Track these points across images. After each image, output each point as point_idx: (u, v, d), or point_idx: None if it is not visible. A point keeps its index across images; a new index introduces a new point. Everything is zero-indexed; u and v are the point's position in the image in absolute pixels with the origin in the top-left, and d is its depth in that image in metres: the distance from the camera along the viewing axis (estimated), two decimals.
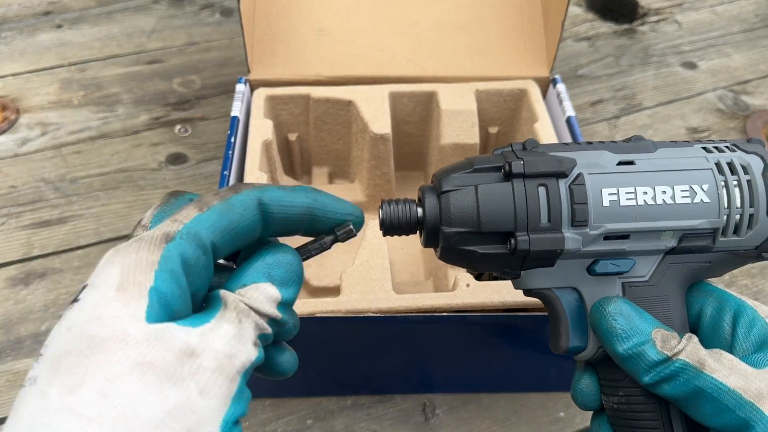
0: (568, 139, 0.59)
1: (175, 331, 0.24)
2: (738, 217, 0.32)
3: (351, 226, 0.31)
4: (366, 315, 0.48)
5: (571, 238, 0.32)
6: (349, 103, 0.63)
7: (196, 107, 0.85)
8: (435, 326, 0.49)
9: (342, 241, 0.31)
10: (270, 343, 0.28)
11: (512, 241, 0.31)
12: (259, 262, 0.28)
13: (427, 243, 0.34)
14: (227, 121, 0.77)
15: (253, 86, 0.66)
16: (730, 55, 0.95)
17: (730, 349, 0.32)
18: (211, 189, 0.75)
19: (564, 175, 0.32)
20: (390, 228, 0.34)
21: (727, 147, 0.34)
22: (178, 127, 0.82)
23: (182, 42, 0.94)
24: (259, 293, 0.27)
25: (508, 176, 0.32)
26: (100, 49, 0.93)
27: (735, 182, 0.32)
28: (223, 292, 0.26)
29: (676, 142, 0.34)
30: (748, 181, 0.32)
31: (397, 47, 0.68)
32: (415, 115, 0.67)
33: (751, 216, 0.32)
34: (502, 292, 0.49)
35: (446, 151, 0.62)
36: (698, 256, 0.33)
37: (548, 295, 0.34)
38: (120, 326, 0.23)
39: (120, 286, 0.24)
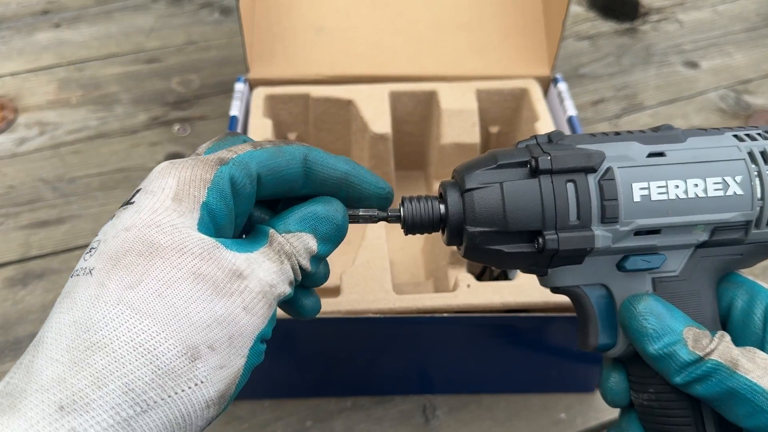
0: None
1: (225, 252, 0.26)
2: None
3: (400, 212, 0.33)
4: (366, 315, 0.48)
5: (601, 235, 0.30)
6: (349, 103, 0.63)
7: (194, 107, 0.85)
8: (435, 327, 0.49)
9: (388, 222, 0.33)
10: (297, 285, 0.30)
11: (540, 240, 0.30)
12: (310, 212, 0.30)
13: (450, 241, 0.33)
14: (226, 121, 0.77)
15: (252, 85, 0.65)
16: (732, 54, 0.95)
17: (762, 344, 0.31)
18: None
19: (593, 170, 0.30)
20: (412, 226, 0.33)
21: (759, 134, 0.32)
22: (176, 126, 0.82)
23: (181, 41, 0.94)
24: (300, 243, 0.29)
25: (535, 172, 0.31)
26: (98, 48, 0.93)
27: None
28: (271, 231, 0.29)
29: (706, 129, 0.33)
30: None
31: (397, 46, 0.67)
32: (416, 115, 0.66)
33: None
34: (502, 293, 0.49)
35: (446, 150, 0.62)
36: (730, 248, 0.32)
37: (576, 293, 0.33)
38: (178, 237, 0.25)
39: (176, 196, 0.26)
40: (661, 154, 0.31)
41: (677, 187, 0.31)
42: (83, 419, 0.22)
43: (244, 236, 0.31)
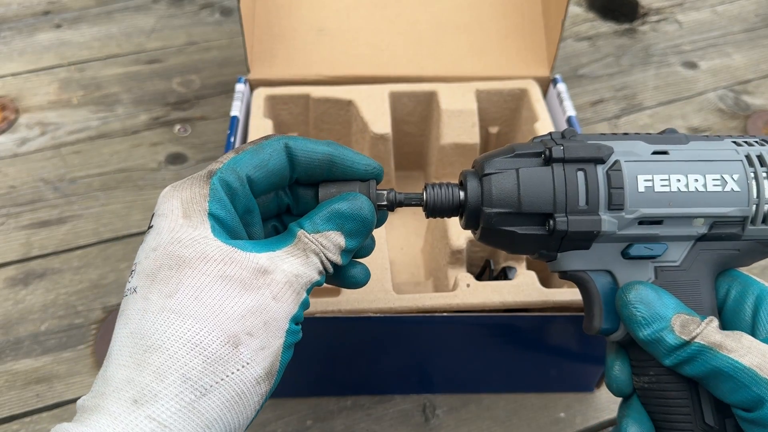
0: None
1: (243, 254, 0.29)
2: (767, 207, 0.33)
3: (423, 197, 0.35)
4: (366, 315, 0.48)
5: (607, 220, 0.33)
6: (349, 103, 0.63)
7: (195, 107, 0.85)
8: (435, 326, 0.49)
9: (412, 206, 0.36)
10: (331, 273, 0.33)
11: (551, 222, 0.33)
12: (334, 210, 0.33)
13: (467, 225, 0.36)
14: (227, 121, 0.77)
15: (253, 86, 0.65)
16: (731, 54, 0.95)
17: (752, 331, 0.33)
18: None
19: (602, 161, 0.33)
20: (433, 210, 0.36)
21: (756, 142, 0.35)
22: (177, 126, 0.82)
23: (182, 42, 0.94)
24: (327, 241, 0.32)
25: (548, 161, 0.33)
26: (99, 48, 0.93)
27: (764, 174, 0.33)
28: (300, 232, 0.32)
29: (707, 135, 0.36)
30: None
31: (397, 47, 0.68)
32: (415, 115, 0.67)
33: None
34: (502, 292, 0.49)
35: (446, 150, 0.62)
36: (728, 243, 0.34)
37: (583, 278, 0.35)
38: (199, 248, 0.29)
39: (185, 213, 0.30)
40: (664, 153, 0.34)
41: (679, 180, 0.33)
42: (155, 407, 0.26)
43: (275, 233, 0.37)
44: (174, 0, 1.01)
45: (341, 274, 0.36)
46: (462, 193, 0.35)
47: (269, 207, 0.36)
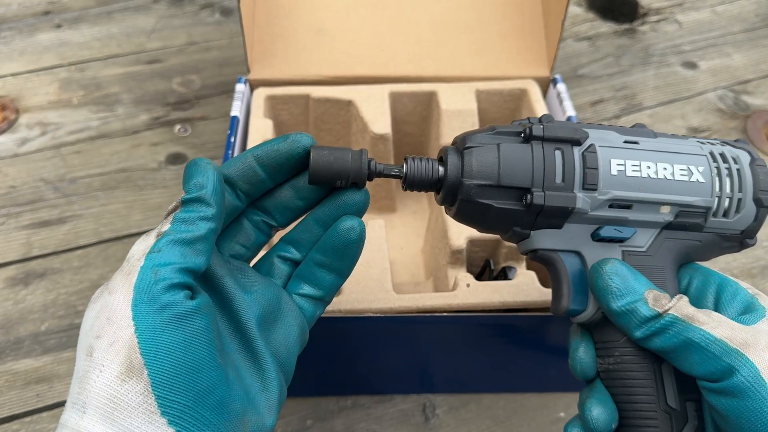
0: None
1: None
2: (728, 200, 0.36)
3: (403, 169, 0.35)
4: (366, 315, 0.48)
5: (581, 198, 0.34)
6: (349, 103, 0.63)
7: (195, 107, 0.85)
8: (435, 326, 0.49)
9: (390, 177, 0.36)
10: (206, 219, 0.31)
11: (528, 196, 0.34)
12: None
13: (444, 200, 0.36)
14: (227, 121, 0.77)
15: (253, 86, 0.65)
16: (731, 54, 0.95)
17: None
18: None
19: (578, 143, 0.35)
20: (412, 183, 0.36)
21: (718, 142, 0.37)
22: (177, 126, 0.82)
23: (182, 42, 0.94)
24: (171, 208, 0.31)
25: (528, 139, 0.35)
26: (99, 48, 0.93)
27: (726, 169, 0.36)
28: None
29: (674, 135, 0.38)
30: (738, 170, 0.36)
31: (397, 47, 0.68)
32: (415, 115, 0.67)
33: (739, 200, 0.36)
34: (501, 292, 0.49)
35: None
36: (691, 234, 0.36)
37: (553, 257, 0.36)
38: None
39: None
40: (635, 142, 0.36)
41: (649, 167, 0.35)
42: None
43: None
44: (174, 0, 1.01)
45: (336, 201, 0.36)
46: (442, 168, 0.35)
47: (250, 237, 0.37)
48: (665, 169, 0.35)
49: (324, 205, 0.36)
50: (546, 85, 0.66)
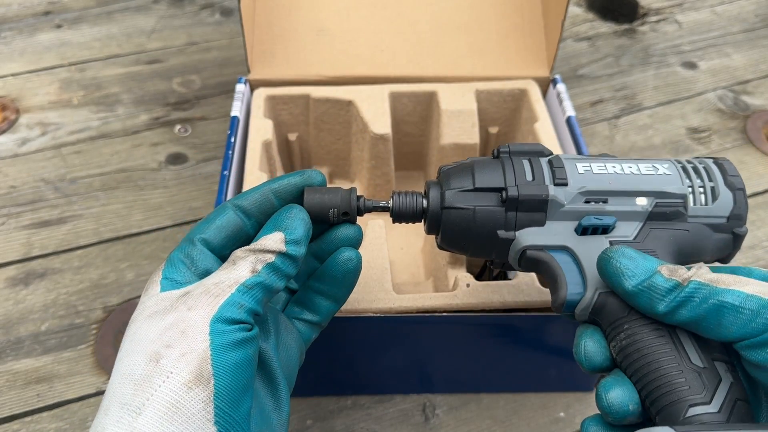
0: (569, 138, 0.59)
1: (174, 291, 0.32)
2: (701, 189, 0.37)
3: (389, 203, 0.40)
4: (366, 315, 0.48)
5: (553, 188, 0.37)
6: (349, 103, 0.63)
7: (195, 107, 0.85)
8: (435, 326, 0.49)
9: (379, 211, 0.40)
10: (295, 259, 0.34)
11: (504, 193, 0.37)
12: (270, 224, 0.35)
13: (429, 229, 0.40)
14: (227, 121, 0.77)
15: (253, 86, 0.65)
16: (731, 55, 0.95)
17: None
18: (210, 189, 0.75)
19: (543, 154, 0.39)
20: (398, 216, 0.40)
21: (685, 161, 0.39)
22: (177, 127, 0.82)
23: (182, 42, 0.94)
24: (264, 242, 0.34)
25: (497, 155, 0.39)
26: (99, 49, 0.93)
27: (691, 167, 0.38)
28: (234, 252, 0.34)
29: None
30: (704, 167, 0.38)
31: (397, 47, 0.68)
32: (415, 115, 0.67)
33: (712, 188, 0.37)
34: (501, 292, 0.49)
35: (446, 151, 0.62)
36: (677, 223, 0.37)
37: (543, 256, 0.37)
38: (143, 305, 0.33)
39: (149, 283, 0.34)
40: (597, 157, 0.39)
41: (614, 167, 0.38)
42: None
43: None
44: (174, 0, 1.01)
45: (329, 236, 0.39)
46: (425, 201, 0.39)
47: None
48: (630, 167, 0.38)
49: (320, 240, 0.39)
50: (546, 85, 0.66)
